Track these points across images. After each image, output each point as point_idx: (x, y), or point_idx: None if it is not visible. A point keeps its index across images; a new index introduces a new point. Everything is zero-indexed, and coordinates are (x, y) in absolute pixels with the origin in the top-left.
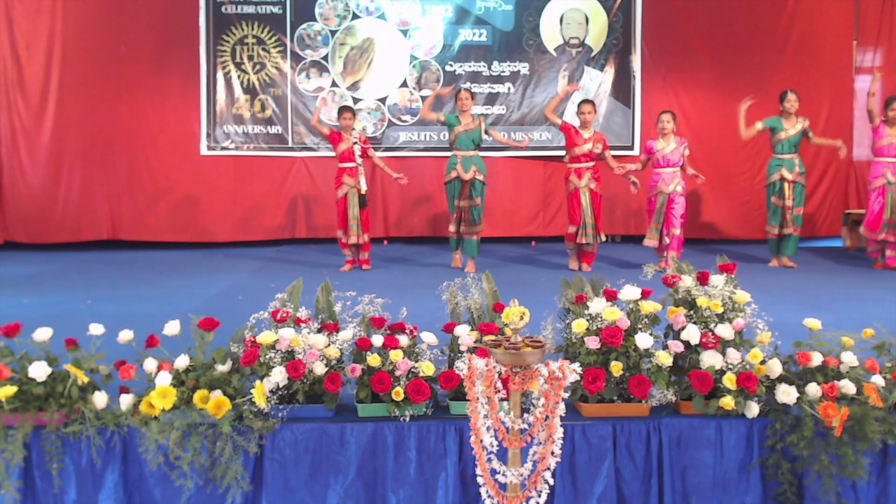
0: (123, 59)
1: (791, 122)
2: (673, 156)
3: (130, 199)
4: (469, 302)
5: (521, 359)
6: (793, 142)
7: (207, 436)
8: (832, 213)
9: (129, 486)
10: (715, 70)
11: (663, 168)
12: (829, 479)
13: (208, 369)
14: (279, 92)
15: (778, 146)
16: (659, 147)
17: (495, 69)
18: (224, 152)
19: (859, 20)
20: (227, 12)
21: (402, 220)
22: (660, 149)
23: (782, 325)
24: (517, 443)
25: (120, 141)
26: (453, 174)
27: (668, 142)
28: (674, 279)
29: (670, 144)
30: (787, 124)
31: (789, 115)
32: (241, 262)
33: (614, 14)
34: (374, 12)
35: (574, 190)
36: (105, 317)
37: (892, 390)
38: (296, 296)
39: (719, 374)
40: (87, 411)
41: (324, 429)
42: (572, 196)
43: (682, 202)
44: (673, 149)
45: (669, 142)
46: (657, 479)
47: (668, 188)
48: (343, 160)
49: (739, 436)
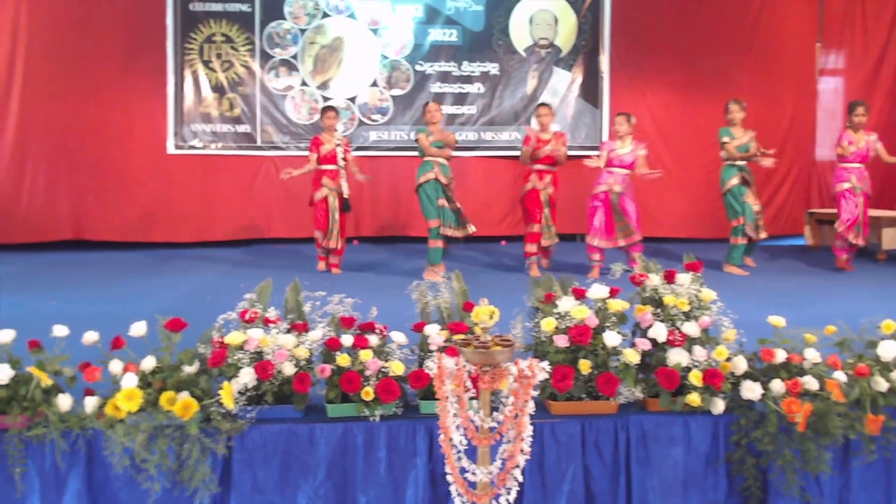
0: (89, 57)
1: (739, 132)
2: (627, 157)
3: (96, 198)
4: (439, 301)
5: (490, 358)
6: (744, 149)
7: (175, 438)
8: (795, 212)
9: (94, 489)
10: (681, 71)
11: (615, 167)
12: (792, 474)
13: (175, 371)
14: (248, 91)
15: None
16: (614, 147)
17: (465, 69)
18: (192, 151)
19: (823, 22)
20: (195, 10)
21: (372, 219)
22: (615, 149)
23: (747, 323)
24: (486, 441)
25: (85, 140)
26: (430, 175)
27: (625, 143)
28: (641, 278)
29: (626, 146)
30: (736, 133)
31: (735, 125)
32: (208, 263)
33: (583, 15)
34: (344, 11)
35: (533, 189)
36: (69, 318)
37: (854, 386)
38: (265, 296)
39: (686, 371)
40: (51, 414)
41: (293, 429)
42: (531, 195)
43: (633, 206)
44: (629, 151)
45: (626, 143)
46: (625, 476)
47: (617, 188)
48: (324, 162)
49: (706, 432)
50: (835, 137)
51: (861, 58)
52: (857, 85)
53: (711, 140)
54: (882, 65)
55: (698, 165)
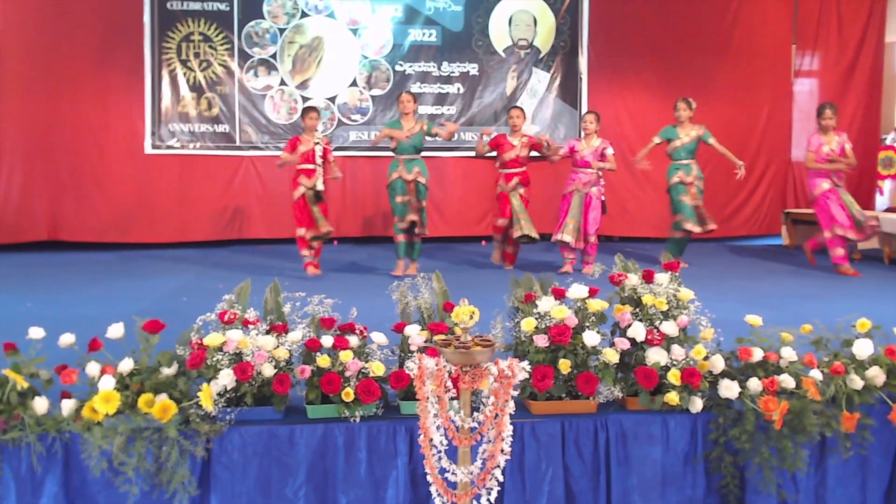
0: (65, 55)
1: (685, 130)
2: (591, 157)
3: (72, 198)
4: (419, 302)
5: (470, 358)
6: (689, 149)
7: (153, 440)
8: (771, 212)
9: (72, 493)
10: (659, 71)
11: (581, 168)
12: (769, 472)
13: (153, 373)
14: (226, 90)
15: (675, 153)
16: (580, 147)
17: (445, 69)
18: (169, 151)
19: (798, 24)
20: (173, 9)
21: (352, 220)
22: (580, 149)
23: (725, 322)
24: (467, 441)
25: (61, 139)
26: (395, 175)
27: (590, 142)
28: (620, 277)
29: (591, 146)
30: (682, 132)
31: (682, 123)
32: (187, 264)
33: (562, 16)
34: (324, 11)
35: (502, 192)
36: (45, 320)
37: (830, 384)
38: (244, 297)
39: (664, 370)
40: (27, 417)
41: (273, 431)
42: (501, 197)
43: (598, 206)
44: (592, 150)
45: (591, 142)
46: (605, 475)
47: (585, 188)
48: (303, 161)
49: (684, 430)
50: None
51: (836, 59)
52: (832, 86)
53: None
54: (856, 66)
55: None
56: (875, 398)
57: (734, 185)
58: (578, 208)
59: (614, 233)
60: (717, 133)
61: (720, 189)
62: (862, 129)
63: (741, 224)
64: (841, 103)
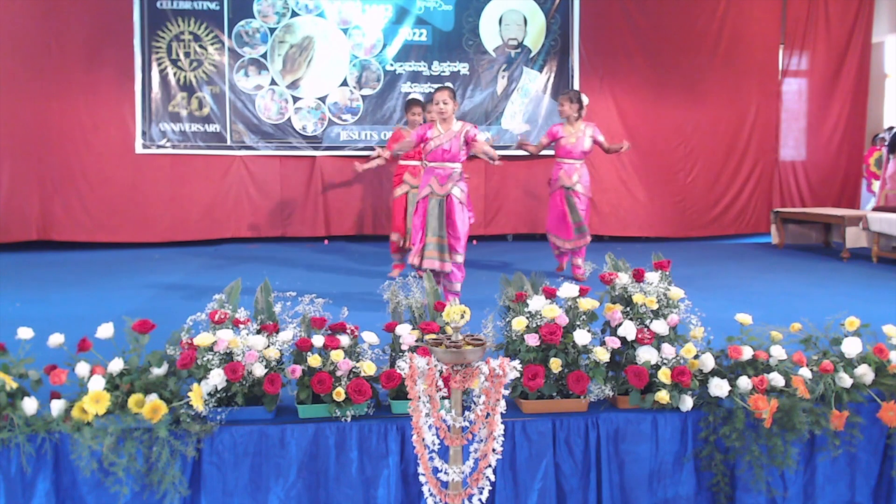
0: (54, 54)
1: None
2: (576, 147)
3: (62, 198)
4: (410, 301)
5: (462, 357)
6: None
7: (143, 441)
8: (759, 211)
9: (62, 493)
10: (650, 71)
11: (564, 159)
12: (759, 469)
13: (143, 373)
14: (217, 90)
15: None
16: (563, 134)
17: (435, 69)
18: (160, 150)
19: (786, 25)
20: (163, 7)
21: (343, 219)
22: (564, 136)
23: (715, 321)
24: (458, 440)
25: (51, 138)
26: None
27: (574, 129)
28: (611, 276)
29: (576, 133)
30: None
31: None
32: (177, 263)
33: (552, 16)
34: (314, 10)
35: None
36: (34, 320)
37: (819, 382)
38: (234, 296)
39: (655, 368)
40: (17, 418)
41: (264, 431)
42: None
43: (584, 202)
44: (577, 139)
45: (575, 129)
46: (595, 473)
47: (569, 181)
48: (408, 157)
49: (674, 429)
50: (797, 138)
51: (823, 59)
52: (820, 86)
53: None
54: (843, 66)
55: (666, 165)
56: (864, 396)
57: (723, 184)
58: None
59: (605, 232)
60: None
61: (709, 189)
62: (848, 128)
63: (729, 223)
64: (828, 103)
